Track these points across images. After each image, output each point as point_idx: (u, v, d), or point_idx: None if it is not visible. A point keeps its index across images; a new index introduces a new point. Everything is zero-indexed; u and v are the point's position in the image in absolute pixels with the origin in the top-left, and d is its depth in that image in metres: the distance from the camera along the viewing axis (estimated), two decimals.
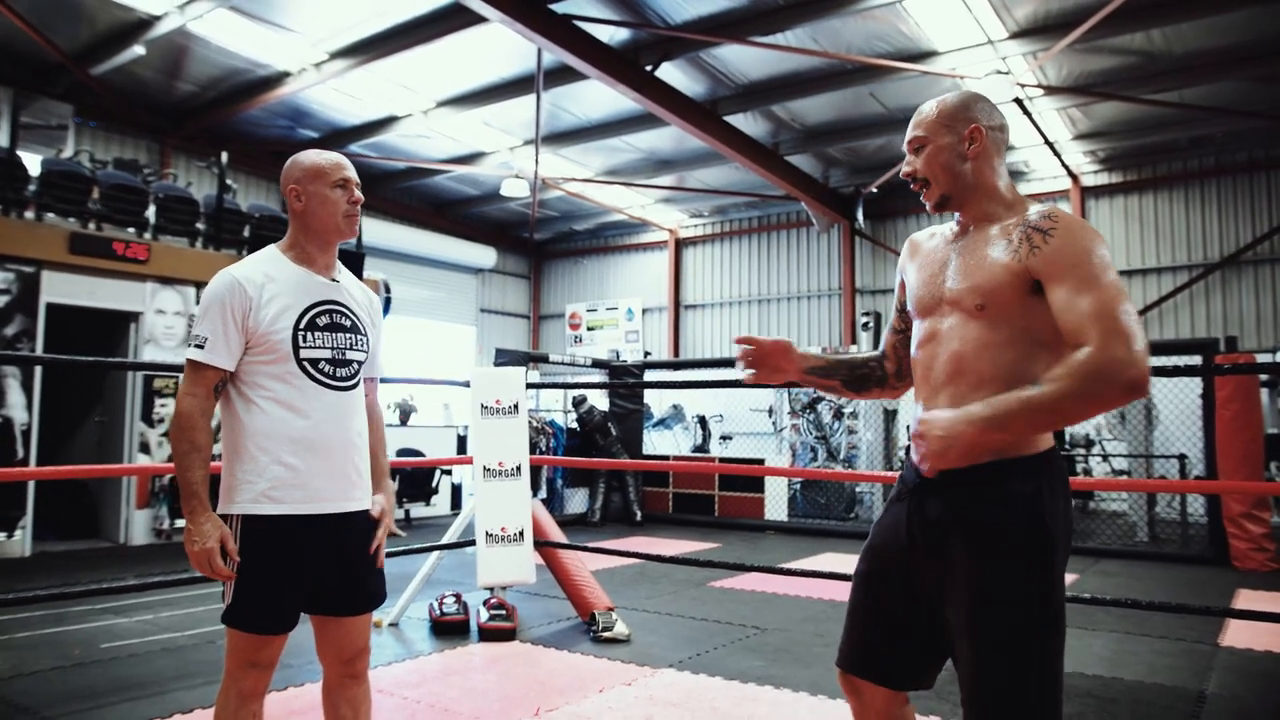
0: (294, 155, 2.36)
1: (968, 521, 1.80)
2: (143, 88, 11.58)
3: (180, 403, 2.16)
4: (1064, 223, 1.77)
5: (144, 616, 5.43)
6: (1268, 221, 12.89)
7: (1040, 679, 1.74)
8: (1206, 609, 4.00)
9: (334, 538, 2.24)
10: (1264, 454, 8.21)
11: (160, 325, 8.96)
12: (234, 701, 2.20)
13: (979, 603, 1.77)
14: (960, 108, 1.92)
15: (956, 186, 1.92)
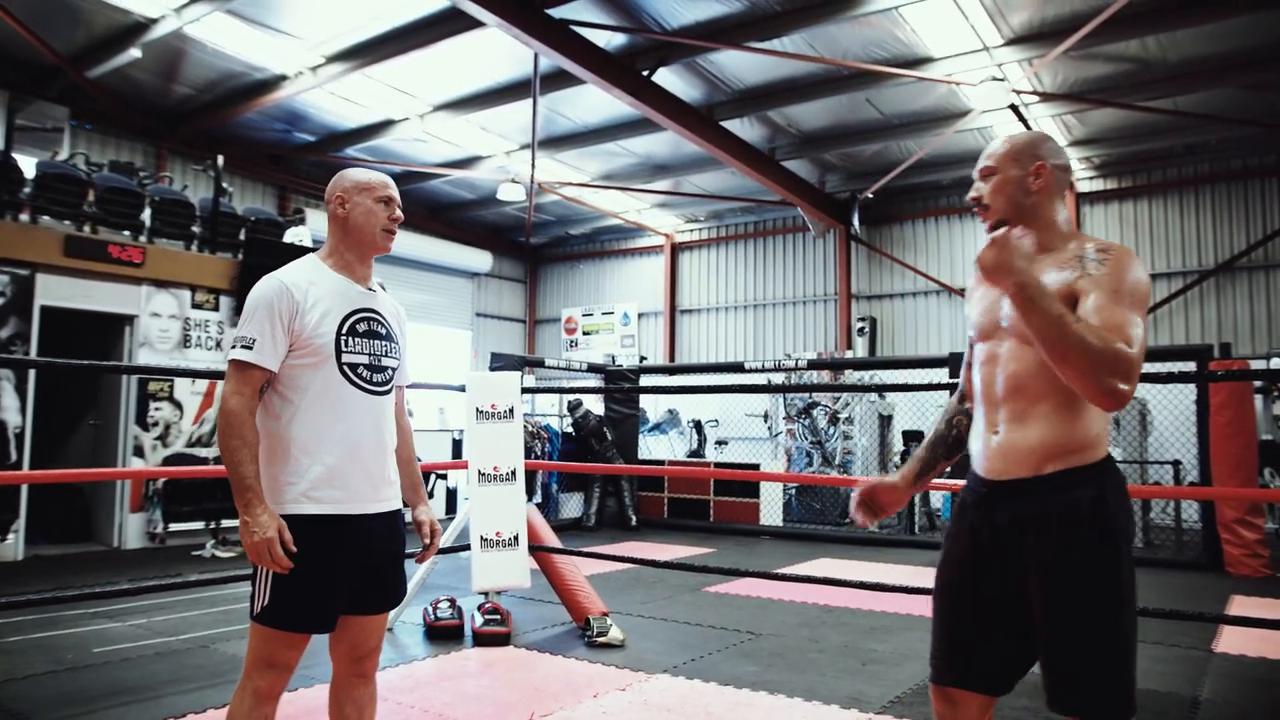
0: (342, 172, 2.47)
1: (1038, 526, 1.93)
2: (139, 90, 11.57)
3: (228, 401, 2.20)
4: (1117, 252, 1.92)
5: (137, 621, 5.41)
6: (1262, 228, 12.94)
7: (1116, 657, 1.87)
8: (1200, 615, 4.00)
9: (365, 538, 2.31)
10: (1258, 460, 8.24)
11: (155, 328, 8.95)
12: (249, 701, 2.22)
13: (1056, 590, 1.90)
14: (1030, 145, 2.07)
15: (1015, 215, 2.05)
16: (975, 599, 2.07)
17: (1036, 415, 1.94)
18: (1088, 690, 1.88)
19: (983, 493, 2.05)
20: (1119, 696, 1.88)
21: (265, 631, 2.23)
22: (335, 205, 2.40)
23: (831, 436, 12.06)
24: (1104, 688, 1.88)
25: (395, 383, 2.44)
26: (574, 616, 5.33)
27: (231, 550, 8.52)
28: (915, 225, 15.61)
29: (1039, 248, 2.04)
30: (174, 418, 9.03)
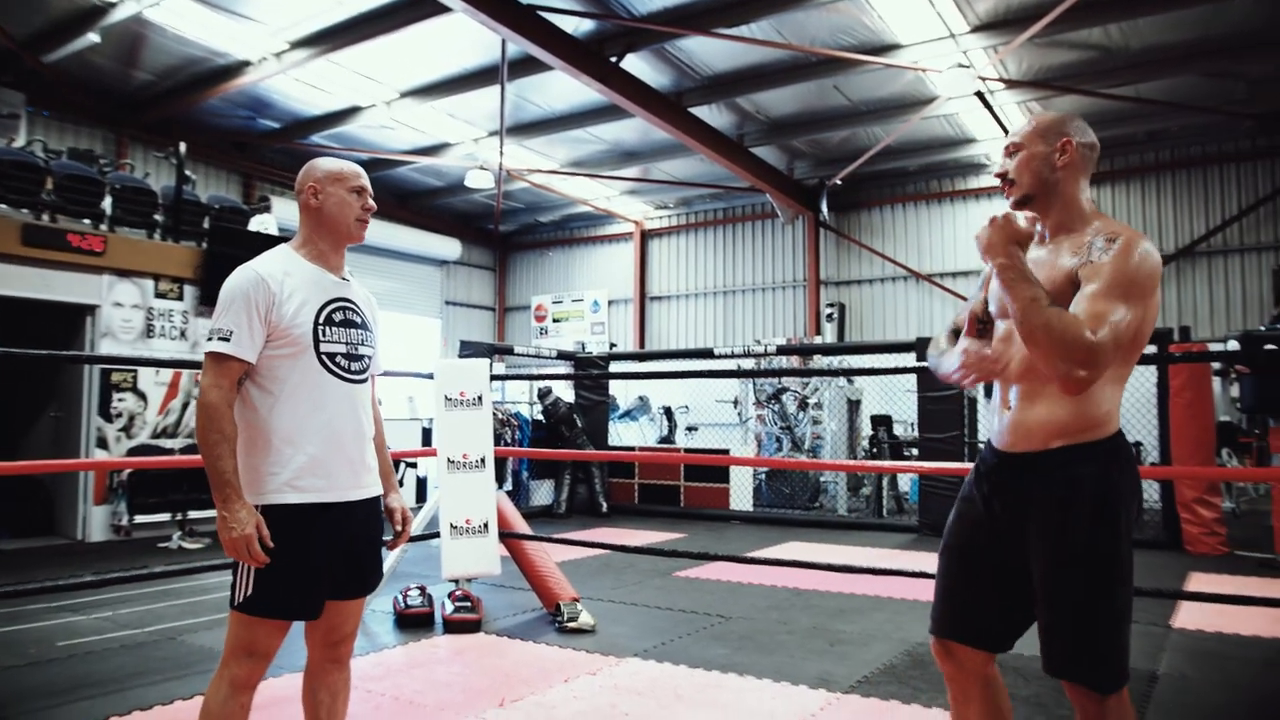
0: (313, 160, 2.46)
1: (1042, 498, 2.02)
2: (98, 76, 11.37)
3: (206, 394, 2.19)
4: (1123, 240, 1.95)
5: (103, 614, 5.35)
6: (1221, 214, 13.17)
7: (1109, 630, 1.96)
8: (1158, 591, 4.09)
9: (347, 524, 2.33)
10: (1215, 441, 8.41)
11: (118, 318, 8.82)
12: (225, 690, 2.22)
13: (1054, 566, 2.00)
14: (1057, 122, 2.13)
15: (1040, 190, 2.10)
16: (980, 562, 2.17)
17: (1047, 394, 2.01)
18: (1082, 659, 1.97)
19: (994, 463, 2.15)
20: (1112, 666, 1.97)
21: (248, 620, 2.23)
22: (308, 195, 2.38)
23: (801, 422, 12.13)
24: (1098, 657, 1.96)
25: (371, 371, 2.46)
26: (544, 602, 5.35)
27: (199, 542, 8.44)
28: (883, 211, 15.72)
29: (1058, 228, 2.10)
30: (138, 409, 8.92)
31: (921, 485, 9.51)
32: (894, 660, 4.40)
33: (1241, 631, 4.99)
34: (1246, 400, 7.52)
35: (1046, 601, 2.02)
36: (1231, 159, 13.16)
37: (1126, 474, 2.02)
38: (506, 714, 3.55)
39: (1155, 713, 3.59)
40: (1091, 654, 1.96)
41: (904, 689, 3.90)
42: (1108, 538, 1.97)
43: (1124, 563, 1.99)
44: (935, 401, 9.20)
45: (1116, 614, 1.97)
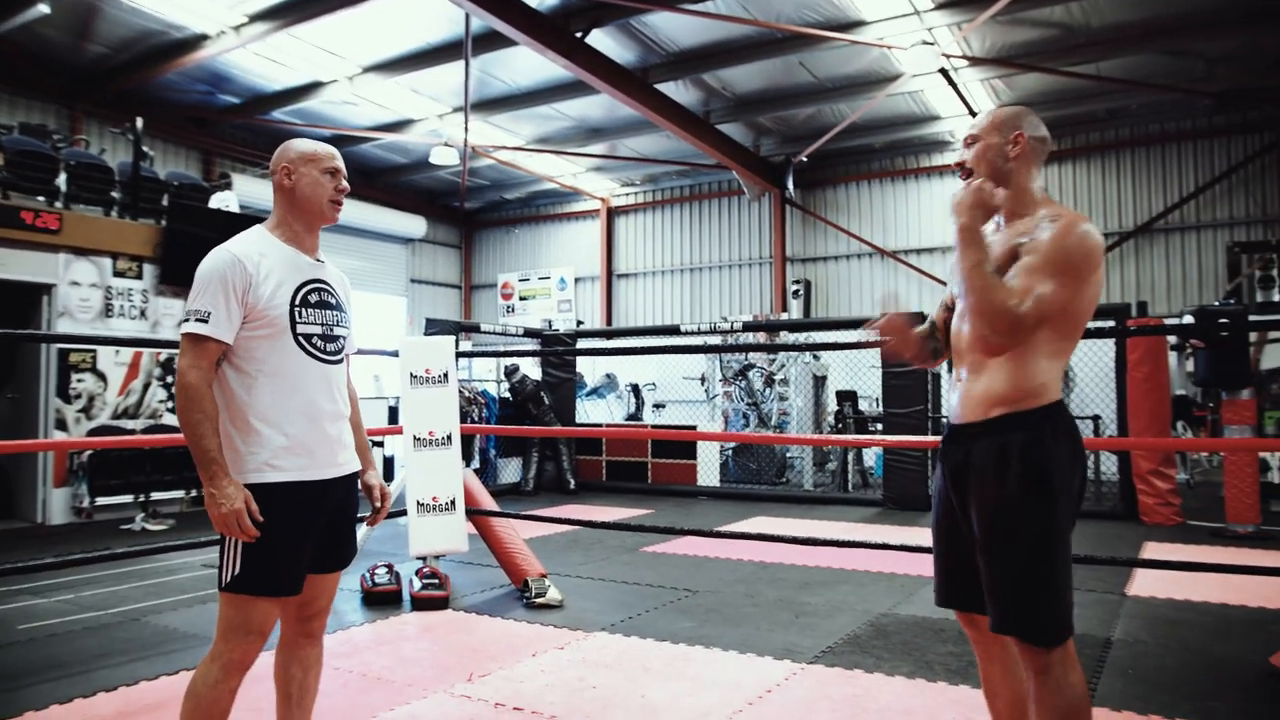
0: (287, 141, 2.46)
1: (980, 464, 2.16)
2: (49, 49, 11.09)
3: (186, 375, 2.20)
4: (1063, 221, 2.13)
5: (64, 596, 5.30)
6: (1178, 191, 13.39)
7: (1044, 586, 2.09)
8: (1113, 559, 4.19)
9: (325, 501, 2.36)
10: (1171, 414, 8.59)
11: (75, 297, 8.66)
12: (216, 673, 2.23)
13: (990, 526, 2.13)
14: (1012, 116, 2.30)
15: (996, 179, 2.26)
16: (949, 531, 2.31)
17: (991, 367, 2.17)
18: (1021, 615, 2.10)
19: (948, 435, 2.31)
20: (1050, 621, 2.09)
21: (238, 599, 2.24)
22: (281, 176, 2.39)
23: (767, 398, 12.22)
24: (1035, 613, 2.09)
25: (346, 351, 2.49)
26: (512, 579, 5.37)
27: (162, 523, 8.36)
28: (849, 188, 15.80)
29: (1010, 214, 2.27)
30: (98, 389, 8.78)
31: (886, 459, 9.63)
32: (858, 630, 4.47)
33: (1193, 598, 5.12)
34: (1200, 374, 7.68)
35: (985, 562, 2.16)
36: (1189, 136, 13.37)
37: (1061, 441, 2.13)
38: (475, 689, 3.57)
39: (1110, 676, 3.69)
40: (1029, 610, 2.09)
41: (867, 658, 3.97)
42: (1038, 498, 2.08)
43: (1057, 523, 2.09)
44: (899, 376, 9.30)
45: (1051, 571, 2.09)
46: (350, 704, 3.39)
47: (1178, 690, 3.51)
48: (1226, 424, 7.43)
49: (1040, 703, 2.12)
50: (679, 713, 3.28)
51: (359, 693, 3.53)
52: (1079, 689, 2.10)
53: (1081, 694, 2.10)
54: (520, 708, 3.34)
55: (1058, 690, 2.09)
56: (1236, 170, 13.01)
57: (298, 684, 2.45)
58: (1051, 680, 2.10)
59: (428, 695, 3.50)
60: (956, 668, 3.80)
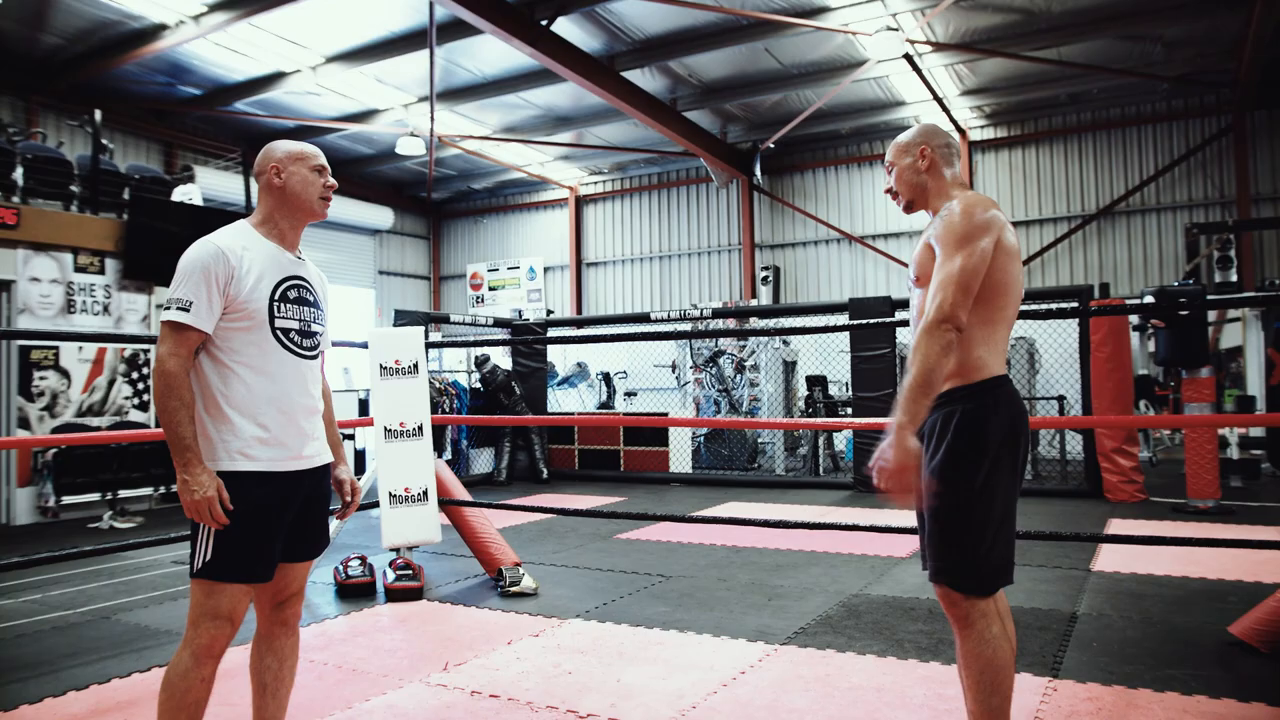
0: (272, 142, 2.53)
1: (929, 430, 2.35)
2: (2, 40, 10.86)
3: (165, 363, 2.23)
4: (950, 207, 2.35)
5: (32, 596, 5.23)
6: (1139, 174, 13.59)
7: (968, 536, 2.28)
8: (1077, 535, 4.27)
9: (296, 491, 2.40)
10: (1133, 393, 8.75)
11: (35, 294, 8.51)
12: (188, 661, 2.26)
13: (929, 480, 2.31)
14: (915, 135, 2.53)
15: (916, 194, 2.52)
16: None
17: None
18: (945, 562, 2.31)
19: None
20: (971, 570, 2.28)
21: (207, 585, 2.28)
22: (270, 175, 2.44)
23: (738, 384, 12.28)
24: (958, 560, 2.29)
25: (322, 348, 2.55)
26: (486, 568, 5.37)
27: (130, 520, 8.27)
28: (815, 174, 15.88)
29: (934, 210, 2.48)
30: (61, 387, 8.65)
31: (856, 443, 9.72)
32: (830, 611, 4.53)
33: (1155, 572, 5.24)
34: (1162, 353, 7.82)
35: (926, 515, 2.36)
36: (1149, 120, 13.57)
37: (1001, 411, 2.31)
38: (451, 677, 3.58)
39: (1076, 649, 3.77)
40: (955, 556, 2.29)
41: (839, 638, 4.03)
42: (970, 454, 2.27)
43: (989, 481, 2.27)
44: (868, 360, 9.39)
45: (980, 524, 2.27)
46: (326, 696, 3.39)
47: (1140, 660, 3.60)
48: (1187, 402, 7.58)
49: (966, 655, 2.29)
50: (654, 696, 3.32)
51: (335, 684, 3.53)
52: (1002, 642, 2.27)
53: (1005, 647, 2.26)
54: (496, 695, 3.36)
55: (980, 640, 2.26)
56: (1195, 153, 13.23)
57: (273, 674, 2.47)
58: (974, 632, 2.27)
59: (404, 685, 3.50)
60: (927, 645, 3.87)
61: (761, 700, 3.25)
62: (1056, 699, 3.19)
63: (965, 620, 2.29)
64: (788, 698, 3.27)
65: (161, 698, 2.27)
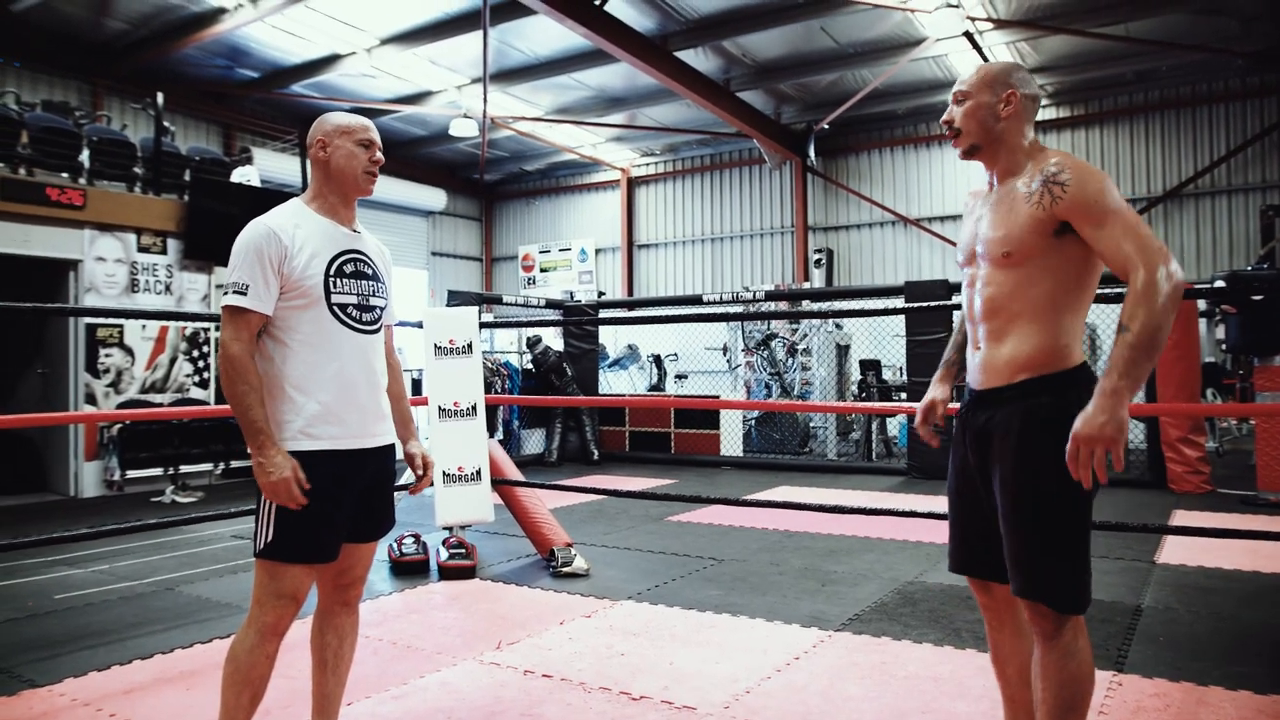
0: (323, 114, 2.50)
1: (1004, 429, 2.11)
2: (69, 26, 11.11)
3: (229, 348, 2.23)
4: (1075, 169, 2.03)
5: (99, 567, 5.38)
6: (1209, 154, 13.14)
7: (1064, 548, 2.05)
8: (1143, 526, 4.15)
9: (361, 471, 2.38)
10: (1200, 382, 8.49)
11: (101, 273, 8.73)
12: (253, 638, 2.27)
13: (1011, 488, 2.08)
14: (1002, 73, 2.20)
15: (987, 139, 2.19)
16: (971, 499, 2.27)
17: (1011, 332, 2.12)
18: (1041, 577, 2.06)
19: (969, 403, 2.26)
20: (1068, 585, 2.05)
21: (271, 565, 2.27)
22: (316, 149, 2.42)
23: (790, 368, 12.18)
24: (1054, 575, 2.05)
25: (384, 321, 2.51)
26: (538, 548, 5.40)
27: (192, 495, 8.46)
28: (871, 156, 15.62)
29: (1005, 173, 2.19)
30: (125, 364, 8.87)
31: (910, 429, 9.58)
32: (885, 598, 4.47)
33: (1224, 565, 5.08)
34: (1232, 340, 7.57)
35: (1010, 527, 2.11)
36: (1221, 99, 13.09)
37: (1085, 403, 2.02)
38: (503, 656, 3.60)
39: (1141, 643, 3.66)
40: (1053, 575, 2.05)
41: (894, 625, 3.97)
42: (1061, 460, 1.98)
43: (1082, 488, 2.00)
44: (923, 345, 9.23)
45: (1072, 533, 2.05)
46: (381, 671, 3.43)
47: (1209, 657, 3.48)
48: (1259, 390, 7.33)
49: (1048, 667, 2.09)
50: (707, 679, 3.30)
51: (390, 660, 3.57)
52: (1087, 655, 2.09)
53: (1089, 660, 2.09)
54: (549, 675, 3.37)
55: (1068, 654, 2.06)
56: (1270, 132, 12.74)
57: (333, 651, 2.48)
58: (1061, 645, 2.07)
59: (457, 663, 3.53)
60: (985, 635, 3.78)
61: (816, 687, 3.21)
62: (1122, 694, 3.10)
63: (1053, 634, 2.07)
64: (843, 685, 3.23)
65: (227, 671, 2.28)
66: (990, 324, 2.17)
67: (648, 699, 3.11)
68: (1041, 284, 2.08)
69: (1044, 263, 2.07)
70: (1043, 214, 2.03)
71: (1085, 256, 2.05)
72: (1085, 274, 2.08)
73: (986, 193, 2.25)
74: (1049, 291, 2.08)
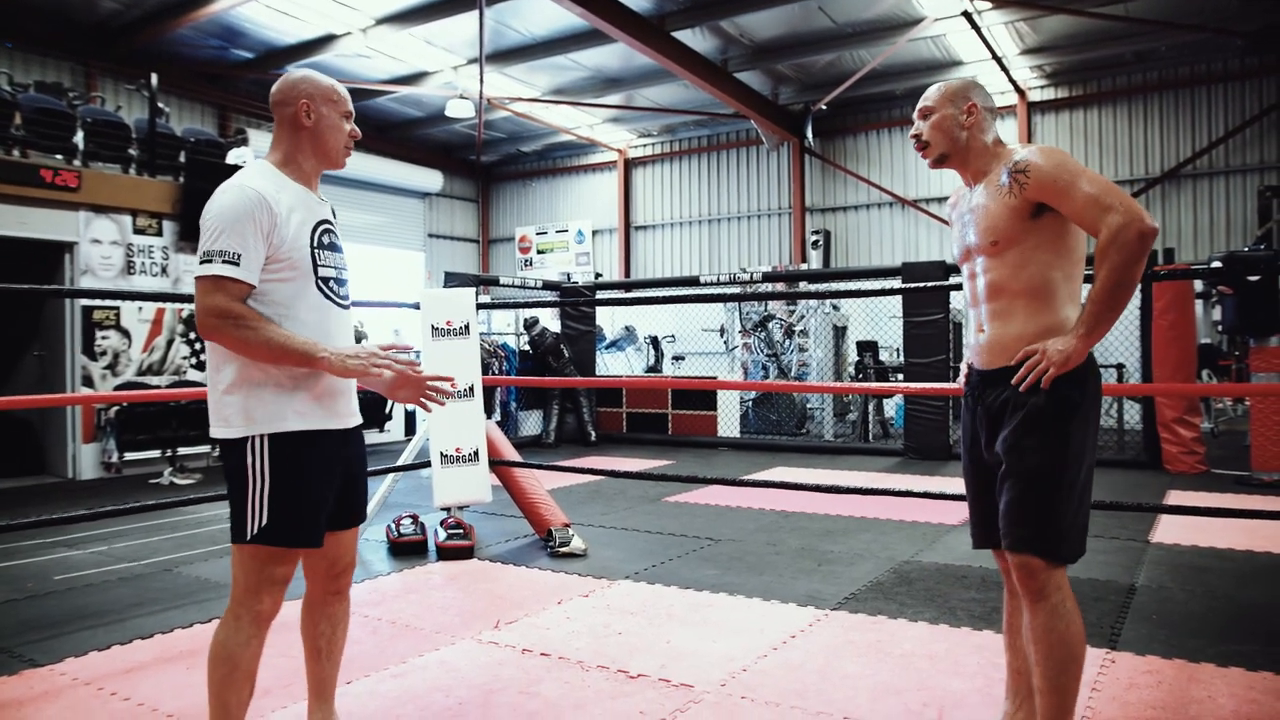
0: (300, 73, 2.32)
1: (1013, 401, 2.24)
2: (62, 6, 11.02)
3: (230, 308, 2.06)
4: (1033, 154, 2.21)
5: (98, 548, 5.40)
6: (1206, 136, 13.10)
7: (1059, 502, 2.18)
8: (1138, 505, 4.17)
9: (343, 452, 2.30)
10: (1196, 363, 8.50)
11: (97, 255, 8.70)
12: (248, 630, 2.18)
13: (1014, 446, 2.23)
14: (962, 88, 2.40)
15: (953, 148, 2.38)
16: (984, 474, 2.40)
17: (1013, 311, 2.27)
18: (1034, 528, 2.19)
19: (977, 382, 2.40)
20: (1060, 536, 2.18)
21: (264, 551, 2.16)
22: (299, 112, 2.23)
23: (787, 349, 12.19)
24: (1048, 526, 2.18)
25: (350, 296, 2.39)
26: (536, 529, 5.42)
27: (190, 477, 8.48)
28: (869, 137, 15.57)
29: (978, 174, 2.37)
30: (122, 346, 8.87)
31: (907, 409, 9.61)
32: (881, 577, 4.50)
33: (1218, 545, 5.11)
34: (1228, 320, 7.58)
35: (1007, 479, 2.24)
36: (1220, 79, 13.05)
37: (1089, 376, 2.24)
38: (502, 635, 3.62)
39: (1135, 621, 3.69)
40: (1042, 523, 2.18)
41: (890, 604, 3.99)
42: (1062, 414, 2.18)
43: (1077, 447, 2.20)
44: (920, 325, 9.24)
45: (1067, 489, 2.19)
46: (380, 651, 3.45)
47: (1203, 635, 3.51)
48: (1255, 371, 7.34)
49: (1038, 629, 2.18)
50: (704, 658, 3.32)
51: (389, 640, 3.59)
52: (1076, 615, 2.19)
53: (1079, 620, 2.18)
54: (547, 653, 3.39)
55: (1054, 614, 2.17)
56: (1268, 113, 12.70)
57: (326, 639, 2.43)
58: (1049, 605, 2.17)
59: (456, 642, 3.55)
60: (980, 613, 3.82)
61: (813, 665, 3.24)
62: (1115, 670, 3.13)
63: (1040, 593, 2.18)
64: (839, 663, 3.25)
65: (221, 671, 2.16)
66: (993, 304, 2.31)
67: (645, 677, 3.13)
68: (1033, 263, 2.23)
69: (1029, 244, 2.22)
70: (1015, 201, 2.20)
71: (1065, 231, 2.20)
72: (1070, 247, 2.23)
73: (966, 194, 2.43)
74: (1041, 270, 2.23)
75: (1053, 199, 2.16)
